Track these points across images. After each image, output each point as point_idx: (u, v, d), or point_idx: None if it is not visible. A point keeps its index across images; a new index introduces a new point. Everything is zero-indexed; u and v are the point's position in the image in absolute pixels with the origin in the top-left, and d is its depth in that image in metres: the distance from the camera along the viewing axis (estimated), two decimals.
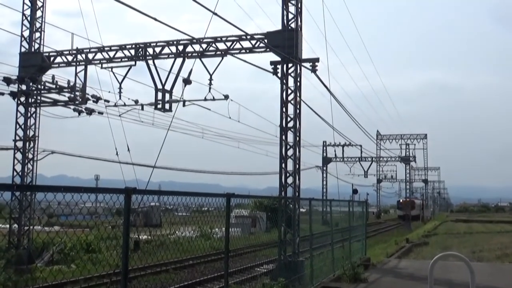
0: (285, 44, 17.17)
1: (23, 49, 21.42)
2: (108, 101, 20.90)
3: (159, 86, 19.57)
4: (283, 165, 17.14)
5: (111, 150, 20.96)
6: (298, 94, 17.35)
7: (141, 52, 19.70)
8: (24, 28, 21.52)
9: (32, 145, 20.89)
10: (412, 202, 72.76)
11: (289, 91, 17.38)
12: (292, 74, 17.41)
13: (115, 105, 20.67)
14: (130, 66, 20.18)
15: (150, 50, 19.66)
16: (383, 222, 74.81)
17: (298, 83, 17.42)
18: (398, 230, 52.00)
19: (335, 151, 58.51)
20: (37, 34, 21.58)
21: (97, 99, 20.93)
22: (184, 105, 19.95)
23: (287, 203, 16.33)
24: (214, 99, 19.48)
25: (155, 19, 14.00)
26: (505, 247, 29.56)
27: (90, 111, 21.47)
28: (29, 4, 21.58)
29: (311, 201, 13.90)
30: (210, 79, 19.12)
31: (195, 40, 18.59)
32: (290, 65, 17.42)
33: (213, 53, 18.94)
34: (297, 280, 12.72)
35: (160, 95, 19.60)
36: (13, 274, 17.18)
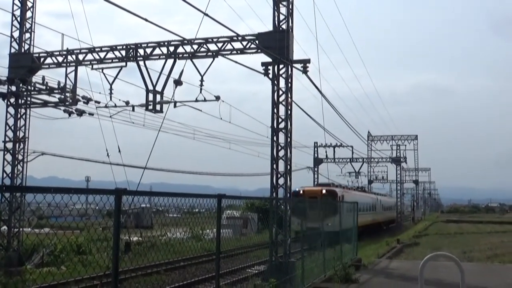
0: (276, 45, 17.19)
1: (13, 50, 21.29)
2: (98, 102, 20.81)
3: (150, 87, 19.52)
4: (275, 166, 17.16)
5: (102, 151, 20.89)
6: (289, 95, 17.37)
7: (132, 53, 19.64)
8: (14, 29, 21.39)
9: (22, 146, 20.77)
10: (330, 192, 33.87)
11: (280, 92, 17.41)
12: (283, 75, 17.43)
13: (106, 106, 20.57)
14: (121, 67, 20.09)
15: (141, 51, 19.59)
16: None
17: (289, 84, 17.45)
18: (389, 231, 52.20)
19: (326, 152, 58.59)
20: (27, 35, 21.46)
21: (87, 100, 20.82)
22: (175, 106, 19.90)
23: (279, 204, 16.34)
24: (205, 100, 19.43)
25: (146, 20, 13.97)
26: (495, 247, 29.77)
27: (80, 112, 21.37)
28: (19, 5, 21.45)
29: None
30: (201, 80, 19.07)
31: (186, 41, 18.57)
32: (281, 66, 17.44)
33: (204, 54, 18.92)
34: (288, 281, 12.73)
35: (151, 96, 19.55)
36: (3, 276, 17.06)
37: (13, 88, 20.73)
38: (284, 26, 17.41)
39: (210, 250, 21.80)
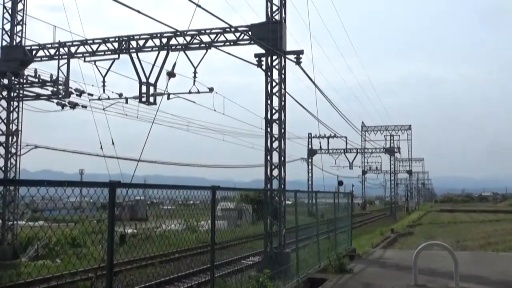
0: (269, 37, 17.17)
1: (4, 43, 21.14)
2: (91, 95, 20.73)
3: (143, 79, 19.47)
4: (269, 157, 17.19)
5: (95, 144, 20.80)
6: (283, 87, 17.39)
7: (124, 45, 19.55)
8: (5, 21, 21.25)
9: (15, 139, 20.68)
10: None
11: (274, 84, 17.41)
12: (277, 67, 17.44)
13: (99, 99, 20.51)
14: (114, 59, 20.03)
15: (133, 43, 19.52)
16: (369, 213, 75.43)
17: (283, 75, 17.46)
18: (383, 221, 52.52)
19: (320, 143, 58.72)
20: (19, 28, 21.31)
21: (80, 92, 20.73)
22: (168, 98, 19.85)
23: (273, 196, 16.38)
24: (198, 92, 19.42)
25: (139, 12, 13.88)
26: (488, 236, 30.02)
27: (73, 105, 21.27)
28: None
29: (296, 193, 13.94)
30: (195, 72, 19.05)
31: (179, 33, 18.50)
32: (274, 57, 17.43)
33: (197, 45, 18.88)
34: (283, 271, 12.78)
35: (144, 88, 19.50)
36: None
37: (5, 81, 20.61)
38: (277, 17, 17.37)
39: (205, 242, 21.82)
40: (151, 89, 19.54)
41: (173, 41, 19.06)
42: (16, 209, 20.39)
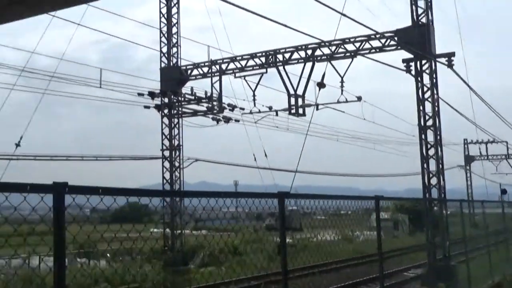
0: (416, 41, 16.64)
1: (162, 65, 22.83)
2: (243, 109, 21.56)
3: (291, 91, 19.74)
4: (425, 165, 16.46)
5: (248, 156, 21.51)
6: (435, 92, 16.62)
7: (271, 59, 20.07)
8: (162, 44, 22.96)
9: (177, 153, 22.17)
10: None
11: (425, 89, 16.74)
12: (427, 71, 16.77)
13: (250, 112, 21.20)
14: (262, 73, 20.61)
15: (279, 57, 19.95)
16: None
17: (434, 80, 16.71)
18: None
19: (479, 148, 54.64)
20: (174, 49, 22.91)
21: (232, 107, 21.69)
22: (317, 109, 19.90)
23: (432, 205, 15.59)
24: (347, 101, 19.23)
25: (285, 25, 14.10)
26: None
27: (227, 119, 22.31)
28: (165, 22, 22.97)
29: (461, 203, 13.03)
30: (342, 81, 18.87)
31: (323, 43, 18.52)
32: (424, 61, 16.75)
33: (343, 55, 18.74)
34: (453, 286, 12.03)
35: (293, 100, 19.76)
36: (171, 275, 18.20)
37: (166, 100, 22.25)
38: (423, 20, 16.70)
39: (362, 253, 21.27)
40: (300, 100, 19.75)
41: (318, 52, 19.15)
42: (182, 219, 21.78)
